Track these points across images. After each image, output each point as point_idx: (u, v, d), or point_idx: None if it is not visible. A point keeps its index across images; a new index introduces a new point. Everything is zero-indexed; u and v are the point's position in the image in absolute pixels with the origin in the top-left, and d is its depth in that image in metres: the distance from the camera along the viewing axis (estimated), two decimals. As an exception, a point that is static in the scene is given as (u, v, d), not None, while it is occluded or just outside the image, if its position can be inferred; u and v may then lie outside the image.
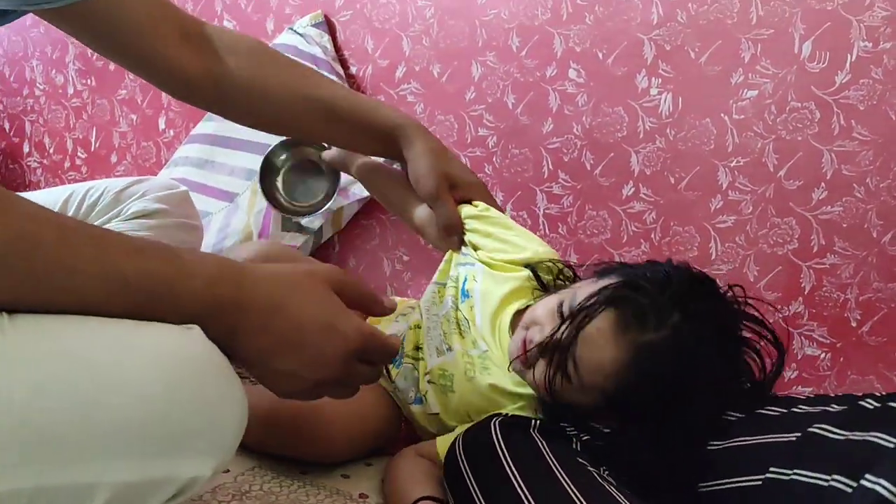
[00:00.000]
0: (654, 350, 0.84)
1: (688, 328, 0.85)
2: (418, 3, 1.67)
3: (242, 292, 0.62)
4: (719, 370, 0.87)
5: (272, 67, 1.06)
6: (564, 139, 1.53)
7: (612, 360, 0.85)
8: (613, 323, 0.86)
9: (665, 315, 0.85)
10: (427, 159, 1.07)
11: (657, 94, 1.46)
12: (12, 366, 0.49)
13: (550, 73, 1.54)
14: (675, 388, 0.84)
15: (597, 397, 0.89)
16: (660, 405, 0.84)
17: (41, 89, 2.15)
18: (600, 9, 1.49)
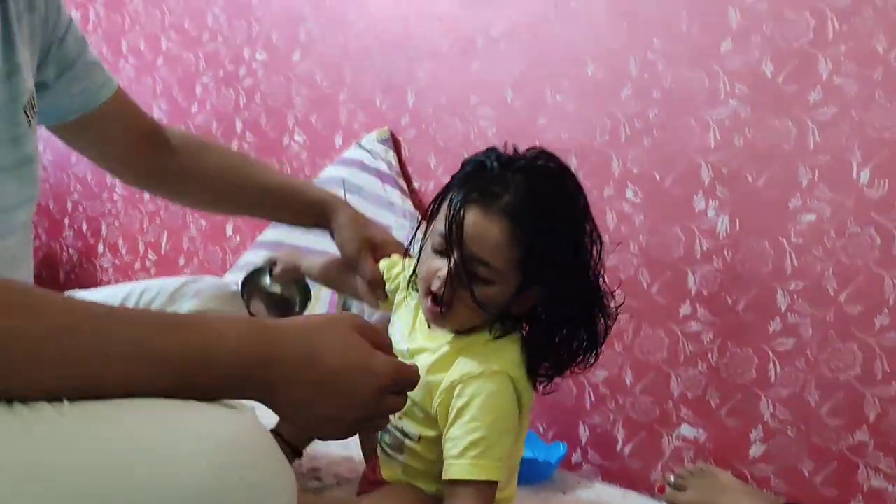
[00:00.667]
0: (520, 201, 0.94)
1: (531, 174, 0.98)
2: (480, 123, 1.74)
3: (274, 348, 0.65)
4: (580, 195, 1.02)
5: (215, 158, 1.23)
6: (621, 257, 1.55)
7: (499, 232, 0.93)
8: (478, 212, 0.94)
9: (506, 175, 0.96)
10: (349, 227, 1.19)
11: (714, 215, 1.48)
12: (70, 451, 0.52)
13: (608, 192, 1.58)
14: (558, 218, 0.96)
15: (515, 275, 0.95)
16: (561, 242, 0.96)
17: (119, 194, 2.26)
18: (658, 132, 1.54)
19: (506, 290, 0.96)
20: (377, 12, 1.91)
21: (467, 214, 0.95)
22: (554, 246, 0.96)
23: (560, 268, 0.97)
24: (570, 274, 0.98)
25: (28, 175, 0.87)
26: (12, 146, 0.84)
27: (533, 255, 0.94)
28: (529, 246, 0.94)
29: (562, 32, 1.65)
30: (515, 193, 0.94)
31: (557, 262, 0.96)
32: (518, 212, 0.94)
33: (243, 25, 2.11)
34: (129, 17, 2.32)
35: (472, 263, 0.95)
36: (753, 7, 1.45)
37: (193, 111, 2.18)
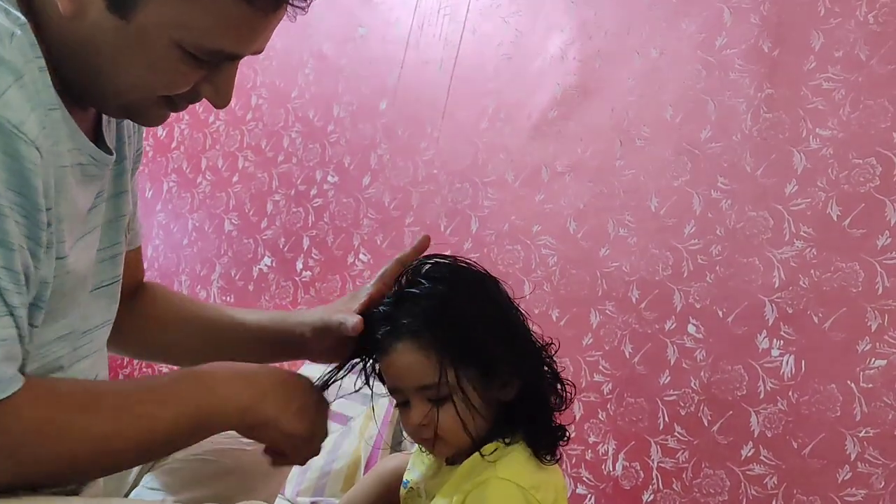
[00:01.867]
0: (404, 323, 0.94)
1: (401, 300, 0.97)
2: (542, 251, 1.77)
3: None
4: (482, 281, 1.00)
5: (196, 304, 1.19)
6: (681, 392, 1.52)
7: (406, 354, 0.94)
8: (383, 357, 0.96)
9: (388, 312, 0.97)
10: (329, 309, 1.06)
11: (778, 355, 1.45)
12: None
13: (669, 326, 1.57)
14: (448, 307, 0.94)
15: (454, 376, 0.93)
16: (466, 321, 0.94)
17: (184, 302, 2.33)
18: (721, 269, 1.54)
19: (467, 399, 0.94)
20: (446, 142, 1.99)
21: (380, 364, 0.98)
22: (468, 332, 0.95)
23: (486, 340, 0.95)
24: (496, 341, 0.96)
25: (116, 294, 0.92)
26: (111, 264, 0.90)
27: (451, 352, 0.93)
28: (442, 354, 0.93)
29: (626, 167, 1.70)
30: (403, 328, 0.95)
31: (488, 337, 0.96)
32: (409, 331, 0.94)
33: (317, 149, 2.21)
34: (210, 137, 2.45)
35: (415, 392, 0.95)
36: (819, 151, 1.48)
37: (263, 226, 2.26)
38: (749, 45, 1.60)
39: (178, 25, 0.71)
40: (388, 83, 2.14)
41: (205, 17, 0.71)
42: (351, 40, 2.23)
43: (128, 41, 0.71)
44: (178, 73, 0.75)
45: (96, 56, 0.73)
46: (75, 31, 0.72)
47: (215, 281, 2.29)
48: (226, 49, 0.74)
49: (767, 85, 1.57)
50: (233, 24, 0.73)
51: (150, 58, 0.72)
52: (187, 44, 0.72)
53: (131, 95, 0.76)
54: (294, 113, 2.29)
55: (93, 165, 0.79)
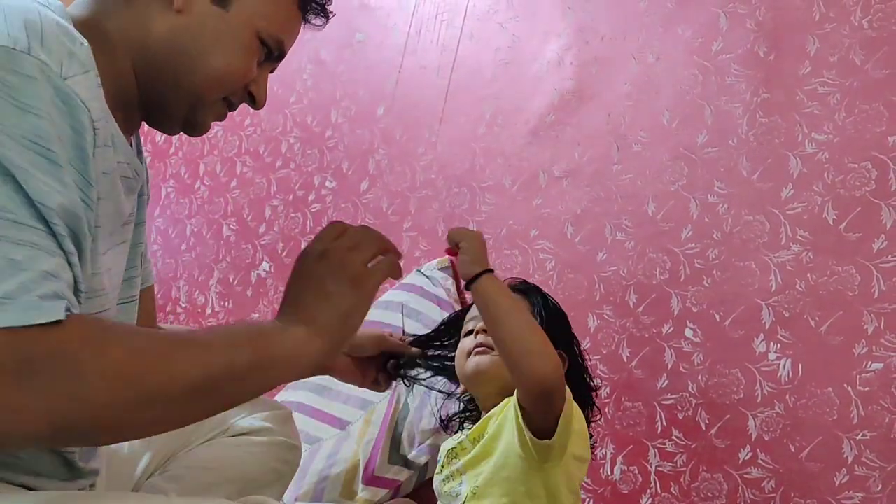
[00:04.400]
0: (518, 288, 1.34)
1: None
2: (540, 255, 1.77)
3: None
4: None
5: None
6: (679, 396, 1.53)
7: None
8: None
9: None
10: None
11: (775, 359, 1.46)
12: None
13: (667, 330, 1.57)
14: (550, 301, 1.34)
15: None
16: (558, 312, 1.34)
17: (183, 307, 2.33)
18: (718, 273, 1.55)
19: None
20: (444, 147, 2.00)
21: None
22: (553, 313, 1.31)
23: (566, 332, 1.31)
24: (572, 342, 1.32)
25: (131, 314, 0.97)
26: (128, 285, 0.95)
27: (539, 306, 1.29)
28: (538, 307, 1.29)
29: (623, 172, 1.71)
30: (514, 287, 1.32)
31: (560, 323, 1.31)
32: (519, 290, 1.32)
33: (316, 154, 2.22)
34: (208, 142, 2.46)
35: None
36: (814, 155, 1.49)
37: (261, 231, 2.26)
38: (745, 50, 1.61)
39: (262, 16, 0.87)
40: (386, 89, 2.14)
41: (279, 11, 0.89)
42: (349, 46, 2.24)
43: (226, 29, 0.86)
44: (253, 62, 0.89)
45: (192, 44, 0.85)
46: (173, 27, 0.85)
47: (213, 286, 2.30)
48: (285, 42, 0.91)
49: (763, 89, 1.57)
50: (289, 20, 0.91)
51: (240, 44, 0.87)
52: (265, 33, 0.88)
53: (215, 86, 0.88)
54: (292, 118, 2.30)
55: (134, 180, 0.87)
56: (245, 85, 0.90)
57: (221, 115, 0.93)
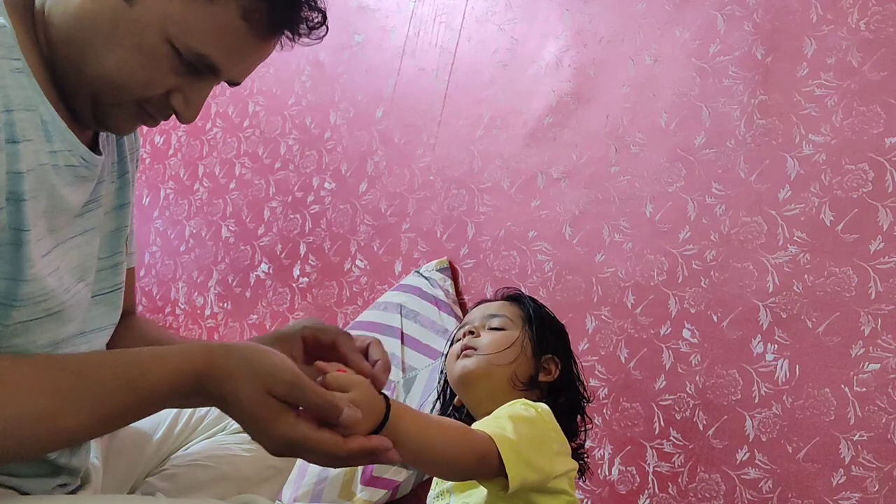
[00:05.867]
0: (512, 296, 1.38)
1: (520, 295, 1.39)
2: (538, 257, 1.78)
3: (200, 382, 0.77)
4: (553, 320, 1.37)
5: None
6: (677, 397, 1.53)
7: (500, 301, 1.38)
8: (482, 303, 1.40)
9: None
10: None
11: (773, 359, 1.46)
12: None
13: (664, 331, 1.58)
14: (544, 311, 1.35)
15: (523, 328, 1.30)
16: (552, 323, 1.35)
17: (182, 308, 2.33)
18: (715, 274, 1.55)
19: (518, 336, 1.26)
20: (443, 150, 2.00)
21: (474, 308, 1.37)
22: (546, 320, 1.32)
23: (559, 338, 1.33)
24: (565, 349, 1.32)
25: (116, 302, 0.94)
26: (111, 273, 0.92)
27: (532, 313, 1.30)
28: (528, 312, 1.31)
29: (621, 174, 1.71)
30: (508, 294, 1.37)
31: (554, 330, 1.33)
32: (513, 297, 1.36)
33: (314, 156, 2.22)
34: (207, 144, 2.46)
35: (486, 318, 1.30)
36: (812, 157, 1.49)
37: (260, 233, 2.27)
38: (743, 52, 1.62)
39: (175, 21, 0.75)
40: (385, 91, 2.15)
41: (202, 20, 0.75)
42: (347, 48, 2.24)
43: (125, 23, 0.75)
44: (158, 70, 0.77)
45: (91, 34, 0.75)
46: (78, 8, 0.75)
47: (212, 287, 2.30)
48: (210, 57, 0.77)
49: (761, 91, 1.58)
50: (225, 36, 0.77)
51: (139, 44, 0.75)
52: (178, 41, 0.76)
53: (110, 87, 0.77)
54: (291, 120, 2.30)
55: (83, 167, 0.80)
56: (161, 94, 0.79)
57: (138, 120, 0.82)
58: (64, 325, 0.79)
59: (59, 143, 0.76)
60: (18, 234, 0.71)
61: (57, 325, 0.78)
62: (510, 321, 1.29)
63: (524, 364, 1.26)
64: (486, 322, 1.30)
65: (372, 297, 1.99)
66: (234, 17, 0.76)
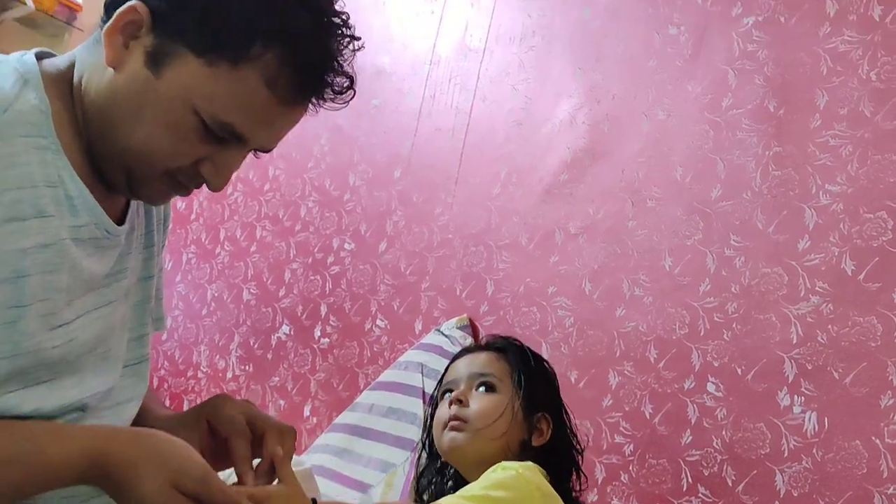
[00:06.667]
0: (499, 345, 1.32)
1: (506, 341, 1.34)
2: (559, 312, 1.78)
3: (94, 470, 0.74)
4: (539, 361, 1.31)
5: None
6: (704, 452, 1.51)
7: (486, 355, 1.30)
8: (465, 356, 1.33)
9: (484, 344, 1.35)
10: None
11: (800, 412, 1.44)
12: None
13: (688, 385, 1.56)
14: (532, 358, 1.29)
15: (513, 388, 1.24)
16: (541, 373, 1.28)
17: (204, 372, 2.34)
18: (738, 326, 1.54)
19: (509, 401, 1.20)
20: (460, 208, 2.02)
21: (458, 359, 1.30)
22: (535, 373, 1.26)
23: (549, 389, 1.28)
24: (556, 402, 1.27)
25: (143, 372, 0.94)
26: (138, 344, 0.93)
27: (520, 369, 1.24)
28: (513, 362, 1.25)
29: (638, 228, 1.72)
30: (493, 344, 1.31)
31: (544, 383, 1.27)
32: (499, 348, 1.29)
33: (334, 217, 2.25)
34: (229, 208, 2.50)
35: (473, 378, 1.24)
36: (829, 207, 1.49)
37: (281, 295, 2.28)
38: (755, 104, 1.63)
39: (200, 92, 0.76)
40: (402, 151, 2.18)
41: (227, 90, 0.76)
42: (365, 112, 2.29)
43: (152, 95, 0.76)
44: (186, 141, 0.78)
45: (122, 108, 0.77)
46: (110, 83, 0.77)
47: (234, 350, 2.31)
48: (235, 125, 0.78)
49: (775, 143, 1.59)
50: (249, 104, 0.77)
51: (166, 117, 0.76)
52: (204, 112, 0.76)
53: (140, 159, 0.78)
54: (311, 183, 2.34)
55: (105, 238, 0.82)
56: (190, 164, 0.80)
57: (171, 190, 0.83)
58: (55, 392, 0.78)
59: (84, 217, 0.78)
60: (16, 311, 0.72)
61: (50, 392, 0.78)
62: (498, 380, 1.23)
63: (515, 429, 1.20)
64: (472, 382, 1.24)
65: (393, 357, 1.99)
66: (257, 85, 0.76)
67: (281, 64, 0.76)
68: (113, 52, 0.76)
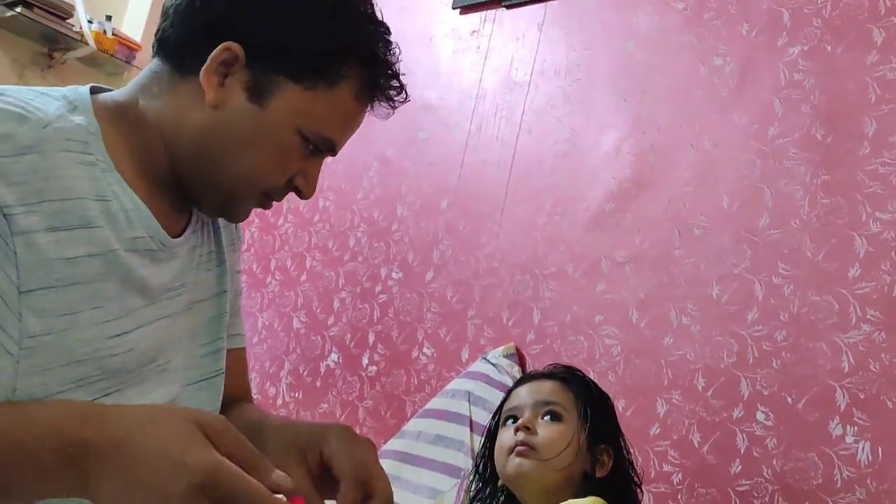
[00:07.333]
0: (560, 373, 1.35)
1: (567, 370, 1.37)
2: (606, 341, 1.78)
3: (88, 428, 0.62)
4: None
5: None
6: (754, 482, 1.49)
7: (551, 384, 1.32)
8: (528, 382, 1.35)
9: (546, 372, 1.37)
10: None
11: (853, 442, 1.42)
12: None
13: (737, 414, 1.55)
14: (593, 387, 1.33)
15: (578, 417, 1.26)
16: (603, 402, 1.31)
17: (254, 398, 2.38)
18: (787, 355, 1.53)
19: (574, 432, 1.21)
20: (507, 237, 2.05)
21: (521, 385, 1.32)
22: (598, 400, 1.29)
23: (610, 421, 1.29)
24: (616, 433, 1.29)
25: (218, 386, 0.97)
26: (212, 359, 0.96)
27: (585, 399, 1.26)
28: (578, 392, 1.27)
29: (685, 256, 1.72)
30: (557, 373, 1.32)
31: (606, 414, 1.29)
32: (561, 377, 1.31)
33: (382, 247, 2.29)
34: (279, 239, 2.56)
35: (538, 406, 1.25)
36: (880, 234, 1.48)
37: (329, 323, 2.33)
38: (802, 133, 1.64)
39: (304, 114, 0.84)
40: (449, 183, 2.22)
41: (327, 108, 0.85)
42: (413, 144, 2.34)
43: (261, 128, 0.83)
44: (292, 159, 0.86)
45: (226, 142, 0.84)
46: (211, 119, 0.83)
47: (284, 378, 2.35)
48: (334, 137, 0.88)
49: (823, 171, 1.59)
50: (344, 117, 0.88)
51: (276, 141, 0.84)
52: (307, 130, 0.85)
53: (247, 184, 0.86)
54: (359, 214, 2.39)
55: (160, 250, 0.85)
56: (287, 181, 0.88)
57: (262, 206, 0.91)
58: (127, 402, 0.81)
59: (140, 230, 0.82)
60: (69, 318, 0.74)
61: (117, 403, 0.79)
62: (564, 410, 1.25)
63: (579, 461, 1.22)
64: (538, 411, 1.26)
65: (439, 385, 2.01)
66: (349, 99, 0.86)
67: (367, 79, 0.87)
68: (213, 92, 0.82)
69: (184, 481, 0.58)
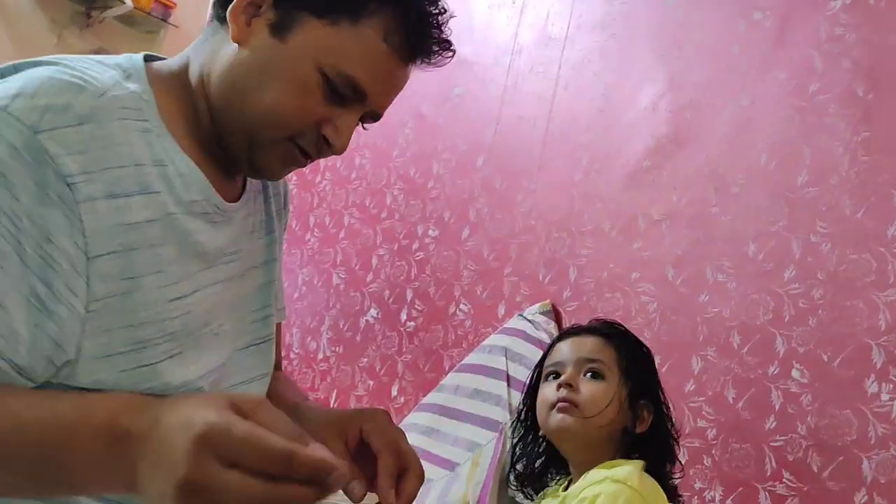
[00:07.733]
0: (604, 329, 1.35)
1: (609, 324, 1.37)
2: (642, 298, 1.80)
3: (129, 416, 0.62)
4: None
5: None
6: (788, 438, 1.52)
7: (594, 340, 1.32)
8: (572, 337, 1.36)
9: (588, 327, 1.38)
10: None
11: (888, 399, 1.43)
12: None
13: (772, 371, 1.57)
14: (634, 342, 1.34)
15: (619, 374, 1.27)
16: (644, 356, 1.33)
17: (296, 353, 2.45)
18: (824, 313, 1.54)
19: (616, 390, 1.24)
20: (543, 194, 2.06)
21: (563, 340, 1.34)
22: (639, 357, 1.31)
23: (651, 378, 1.31)
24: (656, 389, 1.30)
25: (268, 352, 0.99)
26: (262, 325, 0.98)
27: (626, 356, 1.28)
28: (620, 349, 1.28)
29: (722, 214, 1.72)
30: (599, 329, 1.34)
31: (647, 371, 1.31)
32: (603, 333, 1.32)
33: (418, 205, 2.32)
34: (317, 196, 2.60)
35: (580, 363, 1.27)
36: (920, 193, 1.48)
37: (368, 279, 2.37)
38: (842, 89, 1.62)
39: (325, 48, 0.82)
40: (485, 140, 2.23)
41: (350, 45, 0.82)
42: (448, 100, 2.34)
43: (280, 59, 0.82)
44: (311, 97, 0.83)
45: (248, 78, 0.83)
46: (236, 58, 0.83)
47: (324, 332, 2.41)
48: (358, 78, 0.83)
49: (863, 128, 1.57)
50: (370, 58, 0.83)
51: (294, 75, 0.82)
52: (328, 67, 0.82)
53: (267, 122, 0.84)
54: (396, 171, 2.41)
55: (216, 213, 0.87)
56: (314, 124, 0.85)
57: (292, 159, 0.87)
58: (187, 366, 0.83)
59: (196, 193, 0.83)
60: (130, 282, 0.77)
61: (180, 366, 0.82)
62: (607, 368, 1.27)
63: (620, 417, 1.24)
64: (581, 367, 1.27)
65: (476, 340, 2.05)
66: (376, 39, 0.82)
67: (395, 20, 0.83)
68: (238, 29, 0.83)
69: (185, 436, 0.56)
